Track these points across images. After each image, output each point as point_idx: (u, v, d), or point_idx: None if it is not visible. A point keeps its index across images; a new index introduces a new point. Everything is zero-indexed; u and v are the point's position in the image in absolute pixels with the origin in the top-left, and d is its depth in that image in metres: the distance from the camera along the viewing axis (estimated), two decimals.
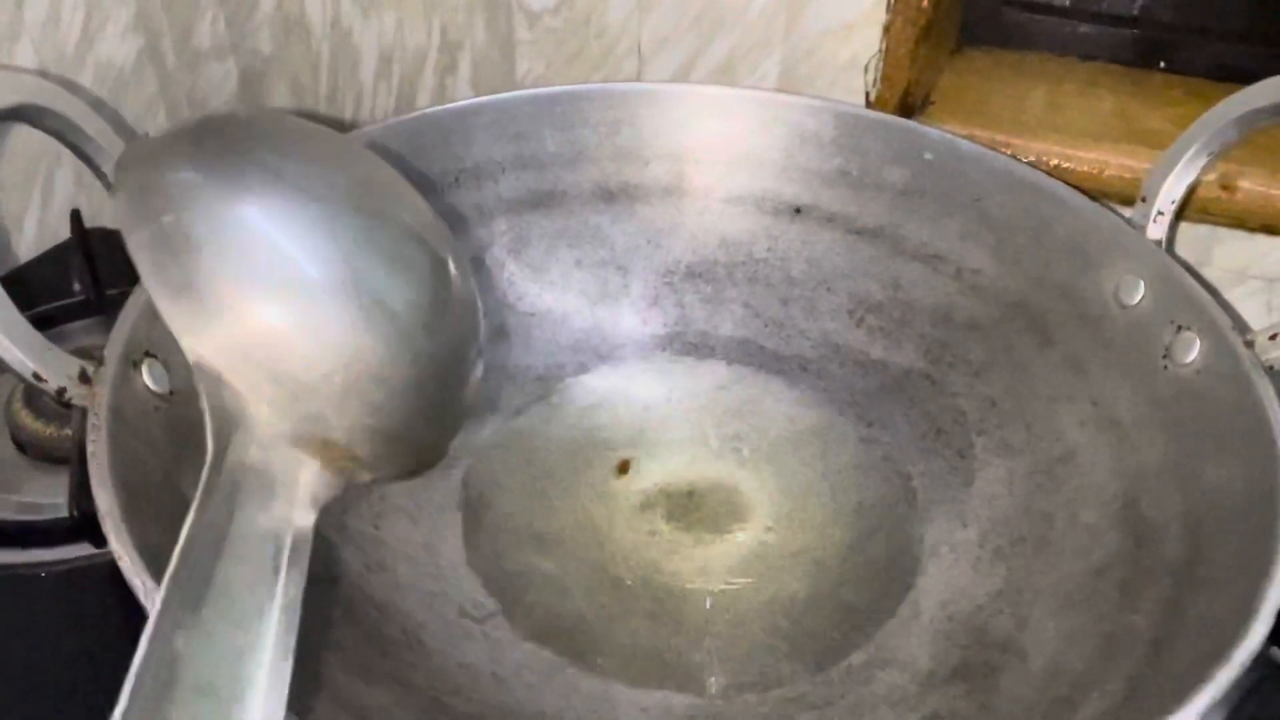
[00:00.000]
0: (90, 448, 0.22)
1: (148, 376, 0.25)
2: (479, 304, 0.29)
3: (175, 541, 0.22)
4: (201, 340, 0.22)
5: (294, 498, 0.21)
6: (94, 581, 0.32)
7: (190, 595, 0.19)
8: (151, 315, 0.26)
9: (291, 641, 0.19)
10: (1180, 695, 0.19)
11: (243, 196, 0.23)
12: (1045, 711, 0.23)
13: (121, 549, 0.20)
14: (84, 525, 0.32)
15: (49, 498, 0.34)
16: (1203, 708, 0.19)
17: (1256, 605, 0.21)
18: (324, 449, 0.23)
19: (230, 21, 0.47)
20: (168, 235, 0.22)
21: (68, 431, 0.35)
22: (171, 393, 0.25)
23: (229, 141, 0.25)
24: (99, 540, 0.33)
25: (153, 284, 0.22)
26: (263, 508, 0.21)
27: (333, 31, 0.45)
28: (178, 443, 0.25)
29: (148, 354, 0.25)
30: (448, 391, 0.27)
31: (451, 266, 0.28)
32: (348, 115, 0.48)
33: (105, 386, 0.23)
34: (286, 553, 0.20)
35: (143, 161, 0.23)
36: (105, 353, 0.24)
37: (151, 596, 0.20)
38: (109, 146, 0.29)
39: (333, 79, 0.47)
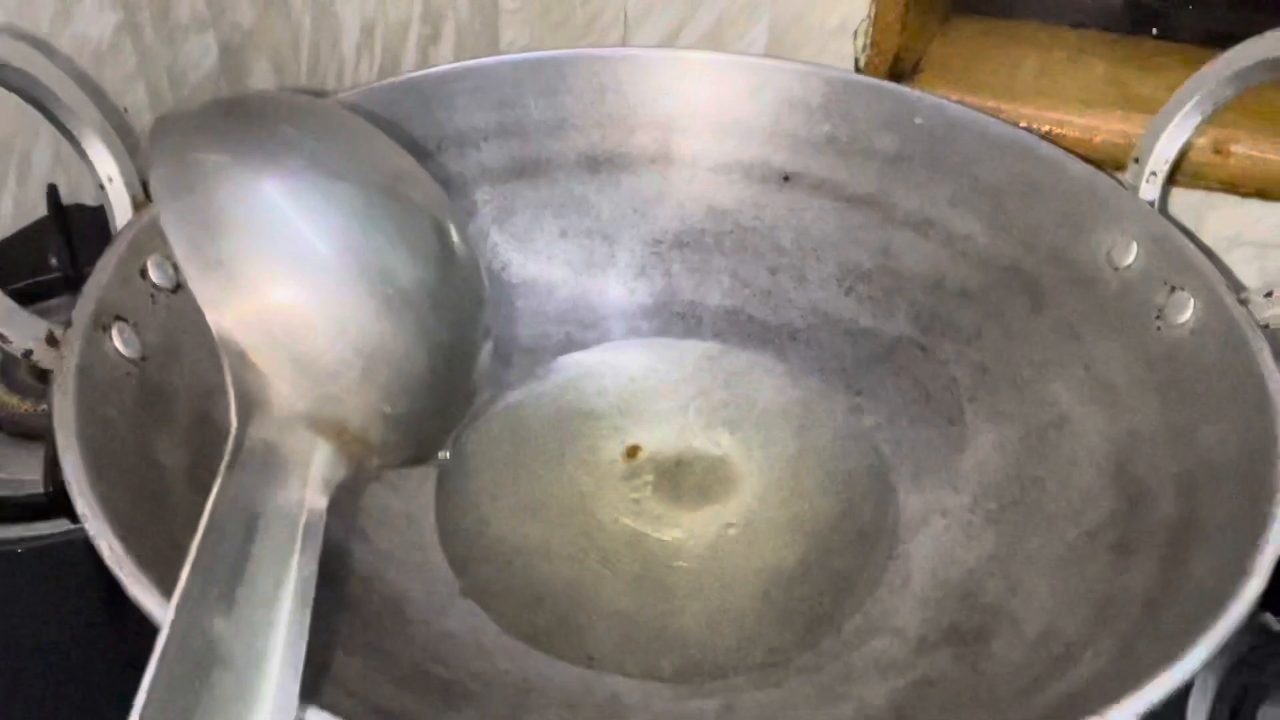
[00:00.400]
0: (55, 409, 0.21)
1: (118, 340, 0.24)
2: (486, 286, 0.29)
3: (147, 507, 0.22)
4: (228, 316, 0.22)
5: (308, 478, 0.22)
6: (71, 557, 0.32)
7: (213, 568, 0.19)
8: (122, 279, 0.26)
9: (306, 619, 0.19)
10: (1174, 653, 0.19)
11: (275, 177, 0.24)
12: (1038, 673, 0.22)
13: (86, 509, 0.20)
14: (60, 500, 0.31)
15: (25, 474, 0.34)
16: (1197, 664, 0.18)
17: (1251, 564, 0.20)
18: (338, 433, 0.23)
19: None
20: (201, 211, 0.23)
21: (44, 407, 0.35)
22: (143, 358, 0.25)
23: (260, 121, 0.25)
24: (76, 516, 0.32)
25: (184, 258, 0.22)
26: (280, 486, 0.21)
27: (313, 3, 0.44)
28: (150, 408, 0.24)
29: (118, 318, 0.25)
30: (458, 376, 0.27)
31: (461, 248, 0.28)
32: (330, 88, 0.47)
33: (72, 348, 0.23)
34: (301, 531, 0.20)
35: (178, 137, 0.24)
36: (73, 315, 0.24)
37: (119, 559, 0.19)
38: (81, 111, 0.28)
39: (314, 52, 0.46)
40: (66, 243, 0.41)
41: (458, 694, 0.23)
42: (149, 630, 0.19)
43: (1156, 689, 0.18)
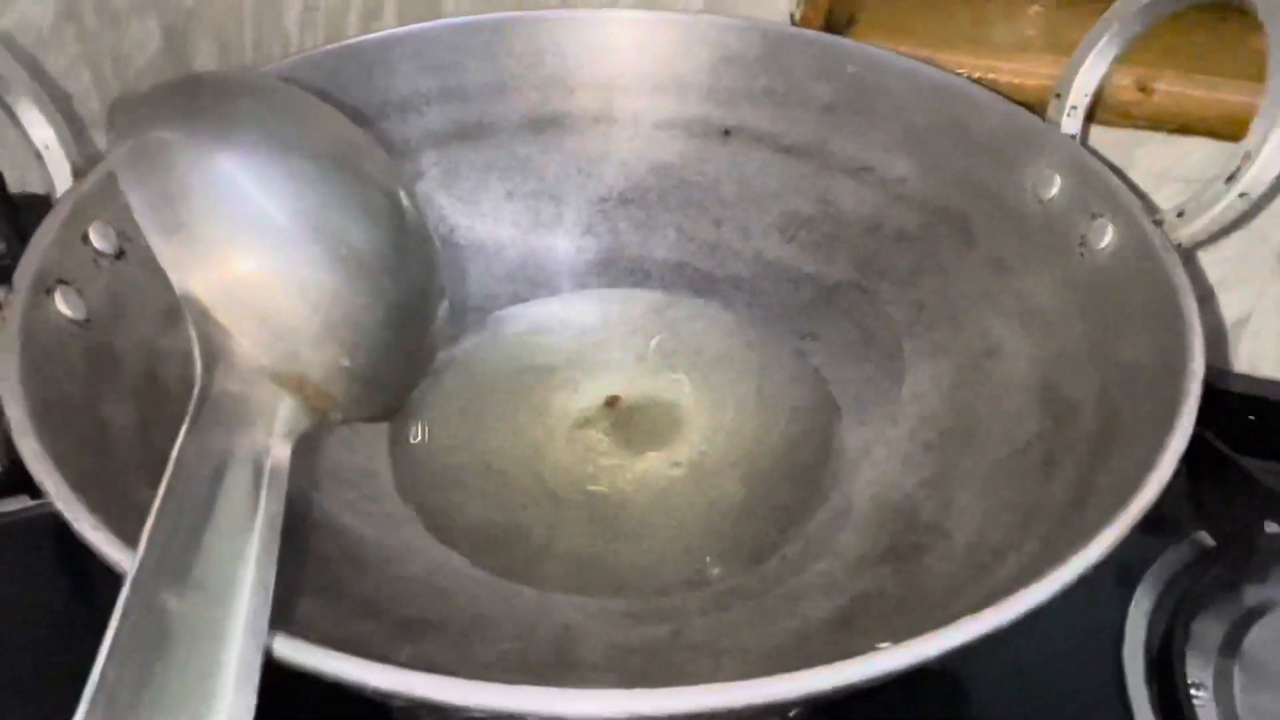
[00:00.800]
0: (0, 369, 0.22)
1: (62, 303, 0.25)
2: (438, 250, 0.30)
3: (96, 461, 0.22)
4: (190, 277, 0.24)
5: (272, 428, 0.23)
6: (32, 534, 0.32)
7: (182, 504, 0.20)
8: (64, 244, 0.26)
9: (274, 553, 0.20)
10: (1083, 545, 0.20)
11: (228, 149, 0.25)
12: (967, 578, 0.23)
13: (29, 453, 0.20)
14: (18, 476, 0.31)
15: None
16: (1102, 552, 0.19)
17: (1158, 460, 0.21)
18: (301, 387, 0.24)
19: None
20: (161, 183, 0.24)
21: None
22: (88, 320, 0.25)
23: (215, 97, 0.26)
24: (36, 492, 0.32)
25: (146, 224, 0.24)
26: (244, 434, 0.22)
27: None
28: (96, 369, 0.25)
29: (61, 281, 0.25)
30: (415, 333, 0.29)
31: (412, 214, 0.29)
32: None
33: (15, 309, 0.23)
34: (266, 475, 0.21)
35: (135, 115, 0.25)
36: (15, 277, 0.24)
37: (65, 501, 0.20)
38: (12, 78, 0.28)
39: (257, 29, 0.46)
40: (14, 230, 0.41)
41: (414, 627, 0.24)
42: (111, 605, 0.19)
43: (1068, 572, 0.19)
